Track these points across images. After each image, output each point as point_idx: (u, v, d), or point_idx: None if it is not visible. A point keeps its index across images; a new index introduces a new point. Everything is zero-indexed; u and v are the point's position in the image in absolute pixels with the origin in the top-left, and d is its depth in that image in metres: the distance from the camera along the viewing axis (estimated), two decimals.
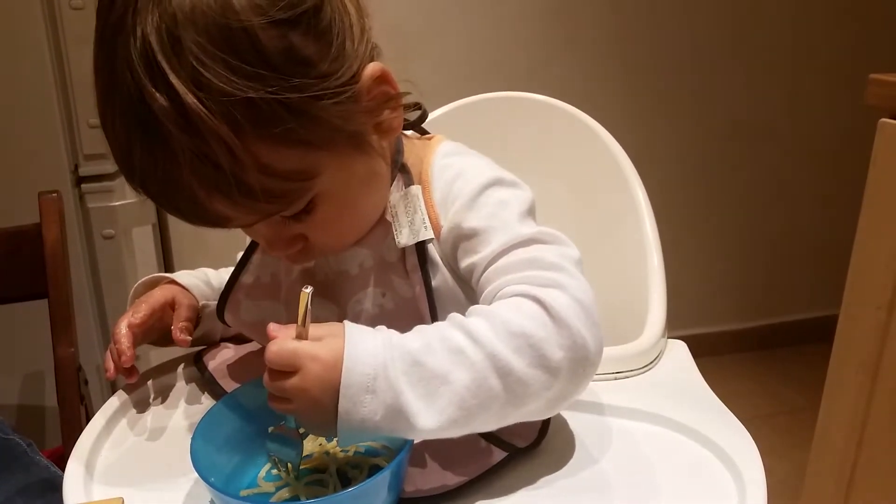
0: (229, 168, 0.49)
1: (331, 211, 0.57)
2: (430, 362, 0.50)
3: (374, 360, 0.49)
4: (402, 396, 0.49)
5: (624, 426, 0.63)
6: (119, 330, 0.68)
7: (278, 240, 0.59)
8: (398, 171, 0.64)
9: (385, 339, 0.51)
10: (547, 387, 0.51)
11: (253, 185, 0.50)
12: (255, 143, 0.49)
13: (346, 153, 0.56)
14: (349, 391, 0.48)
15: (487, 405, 0.50)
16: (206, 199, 0.51)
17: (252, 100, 0.48)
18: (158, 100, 0.47)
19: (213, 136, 0.47)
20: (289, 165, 0.52)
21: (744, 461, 0.57)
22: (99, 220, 1.31)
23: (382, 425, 0.49)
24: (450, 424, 0.50)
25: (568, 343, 0.51)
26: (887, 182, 0.98)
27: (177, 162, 0.49)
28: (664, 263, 0.84)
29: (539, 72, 1.96)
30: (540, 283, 0.54)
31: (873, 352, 1.02)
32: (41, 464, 0.93)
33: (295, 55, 0.50)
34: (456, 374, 0.50)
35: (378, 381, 0.49)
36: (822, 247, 2.25)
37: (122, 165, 0.53)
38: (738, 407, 0.65)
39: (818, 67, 2.14)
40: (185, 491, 0.57)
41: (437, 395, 0.49)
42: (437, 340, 0.51)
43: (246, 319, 0.71)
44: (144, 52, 0.47)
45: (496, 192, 0.61)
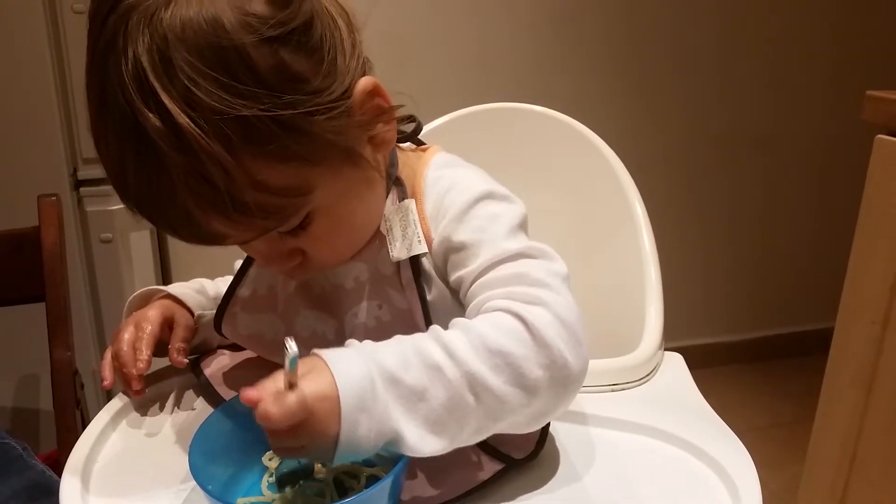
0: (224, 186, 0.49)
1: (327, 225, 0.57)
2: (407, 379, 0.49)
3: (361, 378, 0.48)
4: (390, 411, 0.49)
5: (620, 438, 0.64)
6: (124, 347, 0.68)
7: (276, 256, 0.59)
8: (392, 184, 0.64)
9: (363, 355, 0.50)
10: (525, 404, 0.51)
11: (248, 203, 0.50)
12: (249, 161, 0.49)
13: (340, 168, 0.56)
14: (349, 415, 0.47)
15: (464, 422, 0.50)
16: (202, 217, 0.51)
17: (245, 117, 0.48)
18: (151, 120, 0.47)
19: (207, 155, 0.47)
20: (284, 181, 0.52)
21: (739, 473, 0.57)
22: (97, 223, 1.31)
23: (377, 441, 0.49)
24: (428, 440, 0.49)
25: (547, 362, 0.51)
26: (883, 197, 0.99)
27: (171, 181, 0.49)
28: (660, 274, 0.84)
29: (535, 83, 1.97)
30: (524, 299, 0.53)
31: (868, 365, 1.02)
32: (36, 468, 0.93)
33: (286, 72, 0.50)
34: (432, 391, 0.49)
35: (368, 400, 0.48)
36: (817, 259, 2.26)
37: (117, 186, 0.53)
38: (733, 419, 0.65)
39: (815, 81, 2.15)
40: (183, 498, 0.57)
41: (414, 412, 0.49)
42: (414, 355, 0.50)
43: (243, 333, 0.71)
44: (136, 73, 0.47)
45: (487, 206, 0.61)
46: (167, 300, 0.74)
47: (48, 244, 1.10)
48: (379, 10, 0.60)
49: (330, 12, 0.55)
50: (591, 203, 0.97)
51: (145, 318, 0.70)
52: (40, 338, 1.09)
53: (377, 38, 0.61)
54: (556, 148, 1.01)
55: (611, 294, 0.87)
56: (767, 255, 2.32)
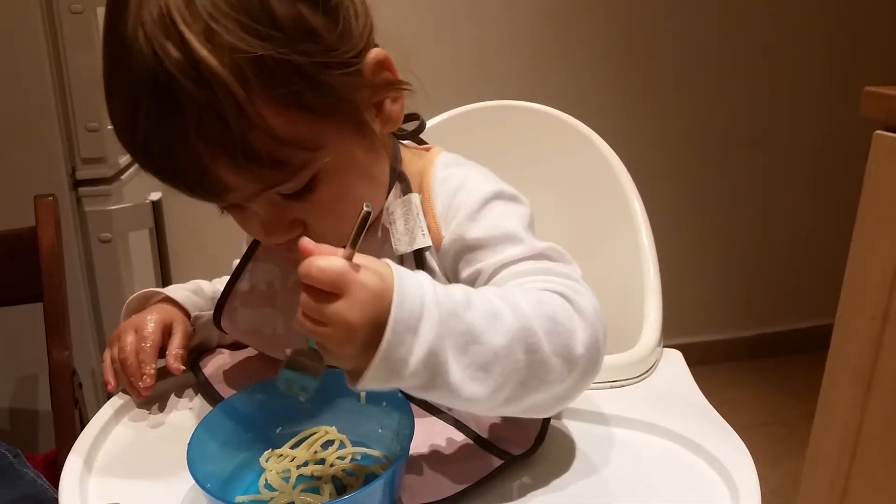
0: (235, 125, 0.49)
1: (331, 192, 0.57)
2: (467, 317, 0.48)
3: (420, 299, 0.47)
4: (443, 342, 0.47)
5: (619, 435, 0.64)
6: (129, 358, 0.68)
7: (277, 224, 0.58)
8: (396, 178, 0.64)
9: (429, 280, 0.49)
10: (561, 379, 0.51)
11: (257, 147, 0.51)
12: (262, 103, 0.50)
13: (349, 131, 0.57)
14: (397, 326, 0.45)
15: (507, 377, 0.49)
16: (211, 161, 0.51)
17: (262, 58, 0.49)
18: (171, 52, 0.48)
19: (223, 90, 0.48)
20: (294, 131, 0.52)
21: (738, 470, 0.57)
22: (96, 223, 1.30)
23: (415, 370, 0.46)
24: (469, 385, 0.48)
25: (590, 342, 0.52)
26: (882, 193, 0.99)
27: (183, 119, 0.49)
28: (659, 272, 0.84)
29: (534, 81, 1.97)
30: (562, 285, 0.54)
31: (867, 361, 1.03)
32: (27, 477, 0.92)
33: (304, 24, 0.51)
34: (489, 336, 0.48)
35: (423, 322, 0.46)
36: (816, 256, 2.26)
37: (126, 132, 0.53)
38: (732, 416, 0.65)
39: (812, 77, 2.15)
40: (182, 496, 0.57)
41: (465, 352, 0.48)
42: (478, 299, 0.50)
43: (242, 327, 0.71)
44: (159, 10, 0.48)
45: (498, 206, 0.62)
46: (165, 304, 0.74)
47: (45, 244, 1.10)
48: (377, 9, 0.61)
49: None
50: (589, 200, 0.97)
51: (145, 325, 0.70)
52: (38, 338, 1.09)
53: (375, 36, 0.61)
54: (554, 145, 1.01)
55: (610, 291, 0.86)
56: (766, 252, 2.32)
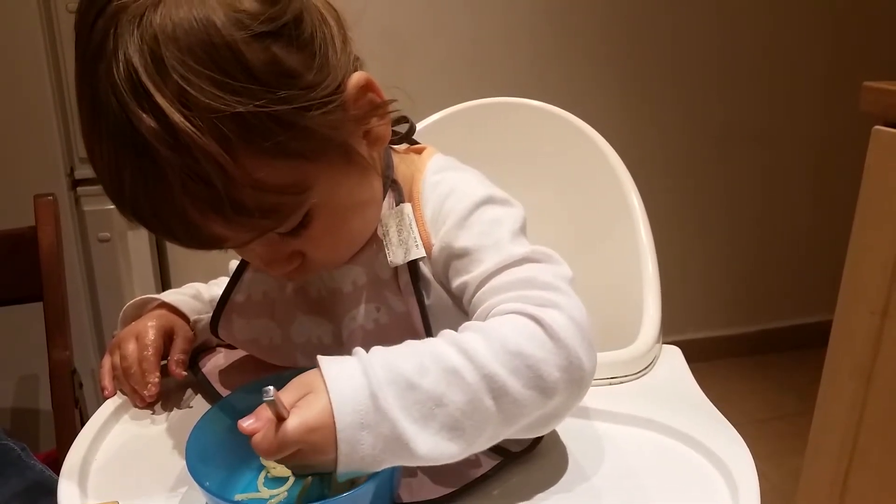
0: (222, 186, 0.48)
1: (326, 224, 0.57)
2: (424, 384, 0.48)
3: (363, 395, 0.47)
4: (399, 424, 0.47)
5: (618, 432, 0.64)
6: (133, 367, 0.68)
7: (276, 258, 0.58)
8: (389, 186, 0.64)
9: (364, 368, 0.48)
10: (541, 406, 0.51)
11: (246, 202, 0.49)
12: (246, 158, 0.49)
13: (337, 165, 0.56)
14: (345, 434, 0.46)
15: (482, 427, 0.49)
16: (201, 219, 0.50)
17: (241, 114, 0.47)
18: (146, 121, 0.46)
19: (203, 154, 0.47)
20: (281, 179, 0.51)
21: (737, 467, 0.57)
22: (94, 223, 1.31)
23: (383, 457, 0.47)
24: (445, 447, 0.48)
25: (565, 364, 0.51)
26: (881, 188, 0.99)
27: (168, 183, 0.48)
28: (658, 268, 0.84)
29: (532, 78, 1.97)
30: (536, 302, 0.53)
31: (867, 357, 1.02)
32: (35, 468, 0.93)
33: (279, 67, 0.50)
34: (450, 395, 0.48)
35: (369, 415, 0.47)
36: (816, 251, 2.26)
37: (112, 193, 0.52)
38: (732, 412, 0.65)
39: (811, 72, 2.15)
40: (181, 494, 0.57)
41: (431, 418, 0.48)
42: (431, 360, 0.49)
43: (240, 337, 0.71)
44: (128, 75, 0.47)
45: (488, 211, 0.61)
46: (163, 310, 0.74)
47: (45, 244, 1.10)
48: (374, 7, 0.60)
49: (319, 8, 0.55)
50: (588, 197, 0.96)
51: (146, 332, 0.70)
52: (38, 337, 1.09)
53: (372, 34, 0.61)
54: (553, 142, 1.00)
55: (608, 287, 0.87)
56: (766, 248, 2.32)
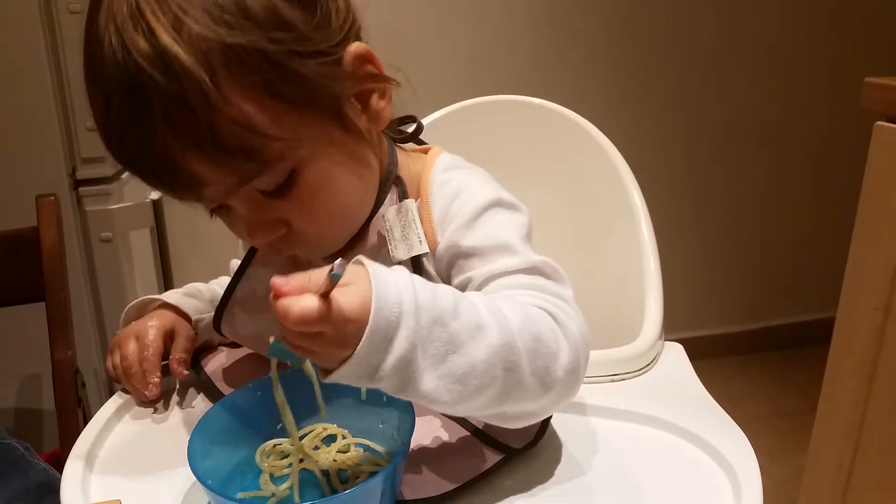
0: (202, 113, 0.49)
1: (313, 189, 0.56)
2: (452, 326, 0.47)
3: (398, 306, 0.45)
4: (416, 351, 0.46)
5: (620, 428, 0.64)
6: (133, 367, 0.69)
7: (259, 224, 0.57)
8: (392, 183, 0.64)
9: (408, 285, 0.47)
10: (535, 398, 0.51)
11: (226, 135, 0.50)
12: (230, 92, 0.49)
13: (330, 127, 0.56)
14: (373, 337, 0.45)
15: (481, 391, 0.49)
16: (180, 152, 0.50)
17: (230, 46, 0.49)
18: (139, 43, 0.48)
19: (188, 79, 0.48)
20: (264, 120, 0.51)
21: (740, 463, 0.57)
22: (96, 223, 1.30)
23: (387, 376, 0.46)
24: (442, 394, 0.48)
25: (571, 366, 0.52)
26: (883, 184, 0.99)
27: (151, 110, 0.49)
28: (660, 266, 0.84)
29: (533, 76, 1.97)
30: (552, 304, 0.54)
31: (870, 354, 1.02)
32: (39, 467, 0.93)
33: (276, 15, 0.51)
34: (470, 347, 0.48)
35: (399, 330, 0.45)
36: (818, 249, 2.25)
37: (101, 123, 0.53)
38: (735, 410, 0.65)
39: (813, 70, 2.15)
40: (183, 493, 0.57)
41: (443, 361, 0.47)
42: (466, 308, 0.49)
43: (243, 332, 0.71)
44: (129, 4, 0.49)
45: (496, 215, 0.61)
46: (164, 310, 0.74)
47: (47, 244, 1.10)
48: (375, 5, 0.60)
49: None
50: (590, 194, 0.96)
51: (146, 332, 0.70)
52: (41, 338, 1.09)
53: (373, 32, 0.61)
54: (554, 140, 1.00)
55: (611, 285, 0.87)
56: (768, 245, 2.31)
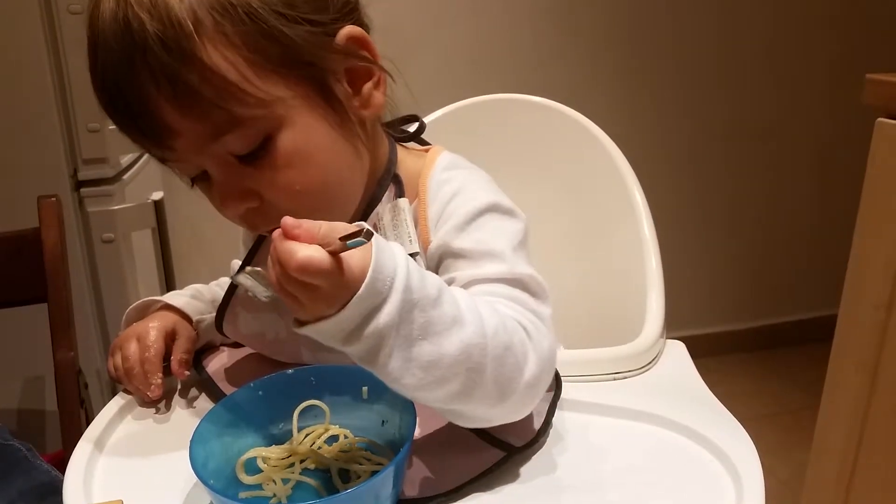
0: (178, 55, 0.51)
1: (286, 159, 0.56)
2: (431, 314, 0.48)
3: (390, 283, 0.46)
4: (393, 328, 0.47)
5: (622, 426, 0.64)
6: (135, 367, 0.69)
7: (230, 191, 0.57)
8: (391, 180, 0.64)
9: (405, 266, 0.48)
10: (490, 404, 0.52)
11: (199, 82, 0.52)
12: (212, 39, 0.51)
13: (310, 96, 0.56)
14: (362, 303, 0.46)
15: (442, 385, 0.49)
16: (155, 96, 0.52)
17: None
18: None
19: (172, 22, 0.50)
20: (241, 73, 0.52)
21: (742, 461, 0.57)
22: (98, 224, 1.31)
23: (359, 346, 0.47)
24: (404, 376, 0.48)
25: (533, 381, 0.53)
26: (885, 181, 0.99)
27: (133, 49, 0.51)
28: (662, 264, 0.84)
29: (534, 74, 1.97)
30: (528, 319, 0.55)
31: (872, 351, 1.02)
32: (41, 468, 0.93)
33: None
34: (441, 339, 0.48)
35: (385, 305, 0.46)
36: (820, 246, 2.25)
37: (91, 68, 0.55)
38: (737, 407, 0.65)
39: (815, 69, 2.14)
40: (185, 493, 0.57)
41: (412, 345, 0.48)
42: (448, 300, 0.49)
43: (245, 332, 0.72)
44: None
45: (491, 220, 0.61)
46: (166, 311, 0.74)
47: (49, 245, 1.10)
48: (375, 4, 0.61)
49: None
50: (591, 193, 0.96)
51: (147, 333, 0.70)
52: (43, 338, 1.09)
53: (374, 31, 0.61)
54: (555, 138, 1.00)
55: (612, 283, 0.86)
56: (770, 243, 2.31)
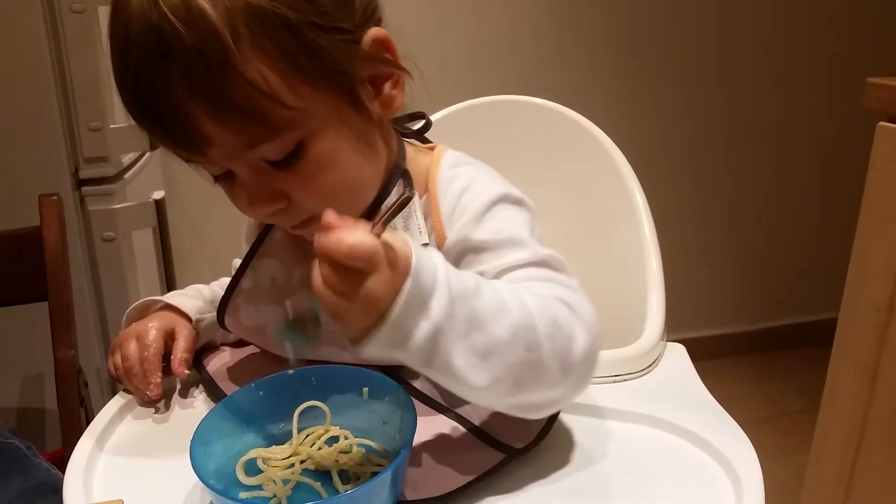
0: (218, 69, 0.50)
1: (317, 163, 0.57)
2: (475, 304, 0.48)
3: (433, 276, 0.47)
4: (448, 322, 0.47)
5: (622, 429, 0.64)
6: (134, 367, 0.69)
7: (260, 193, 0.58)
8: (400, 176, 0.65)
9: (442, 261, 0.49)
10: (555, 383, 0.52)
11: (238, 95, 0.51)
12: (249, 52, 0.51)
13: (340, 103, 0.57)
14: (411, 299, 0.45)
15: (504, 371, 0.49)
16: (192, 108, 0.52)
17: (254, 8, 0.50)
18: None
19: (210, 33, 0.50)
20: (277, 85, 0.53)
21: (742, 464, 0.57)
22: (99, 222, 1.31)
23: (416, 345, 0.47)
24: (468, 370, 0.48)
25: (587, 351, 0.52)
26: (886, 184, 0.99)
27: (169, 60, 0.50)
28: (663, 266, 0.84)
29: (534, 76, 1.97)
30: (564, 293, 0.54)
31: (872, 354, 1.02)
32: (41, 467, 0.93)
33: None
34: (492, 326, 0.49)
35: (433, 299, 0.47)
36: (820, 249, 2.25)
37: (119, 73, 0.54)
38: (737, 410, 0.65)
39: (815, 70, 2.14)
40: (185, 493, 0.57)
41: (467, 337, 0.48)
42: (488, 289, 0.50)
43: (246, 324, 0.72)
44: None
45: (504, 210, 0.62)
46: (165, 311, 0.74)
47: (50, 243, 1.10)
48: None
49: None
50: (591, 194, 0.96)
51: (146, 332, 0.70)
52: (44, 337, 1.09)
53: None
54: (556, 140, 1.00)
55: (613, 285, 0.87)
56: (770, 246, 2.31)
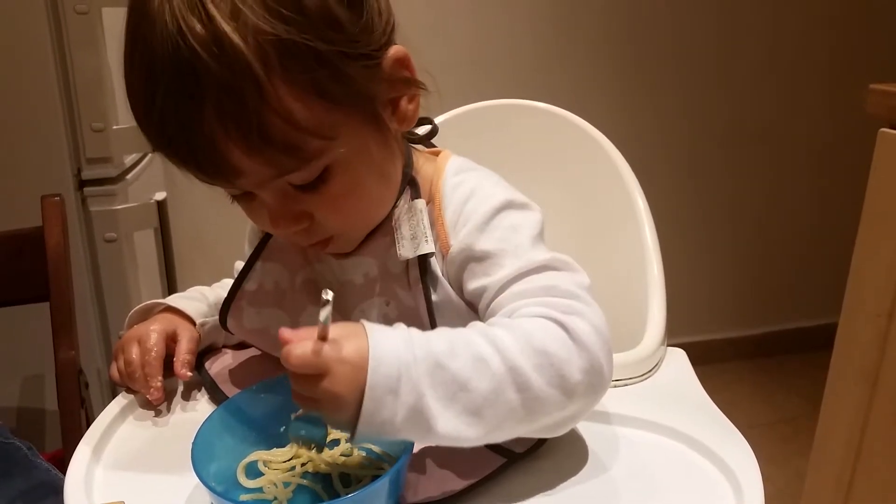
0: (253, 105, 0.50)
1: (343, 185, 0.58)
2: (452, 367, 0.50)
3: (397, 360, 0.49)
4: (424, 398, 0.49)
5: (622, 434, 0.64)
6: (137, 371, 0.69)
7: (284, 215, 0.59)
8: (407, 183, 0.65)
9: (405, 338, 0.51)
10: (561, 407, 0.52)
11: (273, 130, 0.51)
12: (281, 86, 0.50)
13: (365, 125, 0.58)
14: (374, 392, 0.48)
15: (502, 417, 0.51)
16: (224, 141, 0.51)
17: (285, 42, 0.49)
18: (195, 28, 0.48)
19: (244, 69, 0.49)
20: (310, 117, 0.52)
21: (742, 470, 0.57)
22: (101, 223, 1.31)
23: (402, 427, 0.49)
24: (463, 430, 0.50)
25: (587, 367, 0.52)
26: (886, 190, 0.99)
27: (201, 96, 0.49)
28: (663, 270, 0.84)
29: (535, 79, 1.97)
30: (559, 309, 0.54)
31: (873, 359, 1.02)
32: (41, 467, 0.93)
33: (328, 13, 0.52)
34: (476, 382, 0.50)
35: (401, 382, 0.48)
36: (821, 254, 2.25)
37: (143, 106, 0.53)
38: (737, 415, 0.65)
39: (816, 74, 2.15)
40: (187, 495, 0.57)
41: (454, 401, 0.49)
42: (462, 345, 0.51)
43: (248, 327, 0.72)
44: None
45: (509, 216, 0.62)
46: (167, 313, 0.74)
47: (52, 244, 1.10)
48: None
49: None
50: (592, 198, 0.97)
51: (148, 336, 0.70)
52: (45, 338, 1.10)
53: None
54: (557, 143, 1.01)
55: (613, 289, 0.86)
56: (770, 251, 2.31)
